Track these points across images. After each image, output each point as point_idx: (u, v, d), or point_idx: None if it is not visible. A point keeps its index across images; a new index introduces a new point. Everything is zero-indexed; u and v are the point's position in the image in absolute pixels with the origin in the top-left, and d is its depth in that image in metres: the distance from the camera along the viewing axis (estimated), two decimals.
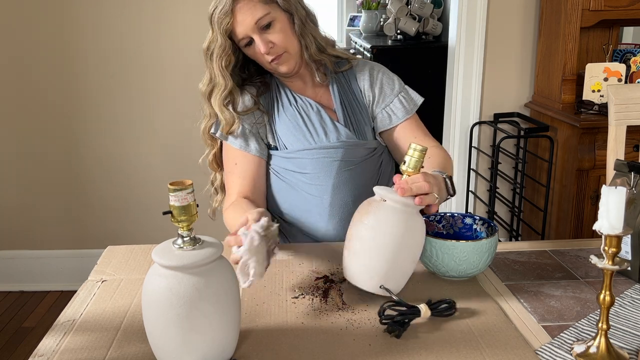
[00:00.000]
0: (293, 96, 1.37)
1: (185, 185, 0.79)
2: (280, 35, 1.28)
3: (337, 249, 1.21)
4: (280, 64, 1.30)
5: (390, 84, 1.40)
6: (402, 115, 1.37)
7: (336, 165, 1.33)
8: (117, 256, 1.21)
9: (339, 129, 1.35)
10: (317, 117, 1.35)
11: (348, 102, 1.38)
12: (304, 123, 1.34)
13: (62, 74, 2.59)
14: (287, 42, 1.29)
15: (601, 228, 0.80)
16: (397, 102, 1.38)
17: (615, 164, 1.12)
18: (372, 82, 1.40)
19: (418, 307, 0.93)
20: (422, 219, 1.00)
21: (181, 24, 2.56)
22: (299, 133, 1.33)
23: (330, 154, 1.33)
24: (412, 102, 1.40)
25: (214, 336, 0.81)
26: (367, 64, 1.43)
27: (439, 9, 3.75)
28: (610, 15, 2.32)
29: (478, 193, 2.79)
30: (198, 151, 1.46)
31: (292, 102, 1.37)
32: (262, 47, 1.26)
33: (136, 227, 2.75)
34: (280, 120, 1.35)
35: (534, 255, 1.20)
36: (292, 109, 1.36)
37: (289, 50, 1.30)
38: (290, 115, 1.35)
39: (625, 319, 0.96)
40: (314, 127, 1.34)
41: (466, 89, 2.67)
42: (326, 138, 1.33)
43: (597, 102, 2.34)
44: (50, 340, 0.91)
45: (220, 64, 1.29)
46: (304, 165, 1.33)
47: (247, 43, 1.29)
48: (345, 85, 1.40)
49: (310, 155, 1.33)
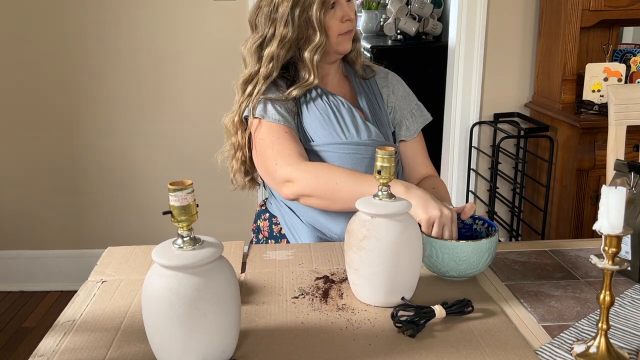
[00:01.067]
0: (324, 92, 1.38)
1: (185, 185, 0.79)
2: (355, 14, 1.35)
3: (337, 248, 1.21)
4: (348, 39, 1.34)
5: (407, 96, 1.47)
6: (414, 132, 1.45)
7: (366, 162, 1.34)
8: (117, 257, 1.21)
9: (369, 127, 1.37)
10: (349, 114, 1.36)
11: (372, 104, 1.42)
12: (335, 118, 1.35)
13: (61, 74, 2.59)
14: (356, 24, 1.36)
15: (601, 228, 0.80)
16: (412, 119, 1.45)
17: (615, 164, 1.12)
18: (393, 90, 1.46)
19: (432, 308, 0.93)
20: (414, 220, 0.98)
21: (183, 25, 2.56)
22: (329, 127, 1.34)
23: (360, 150, 1.34)
24: (422, 117, 1.47)
25: (214, 336, 0.81)
26: (387, 73, 1.49)
27: (439, 9, 3.75)
28: (610, 15, 2.32)
29: (478, 193, 2.79)
30: (198, 151, 1.46)
31: (323, 97, 1.37)
32: (350, 12, 1.31)
33: (136, 227, 2.75)
34: (309, 113, 1.35)
35: (534, 255, 1.20)
36: (323, 103, 1.36)
37: (355, 31, 1.36)
38: (322, 109, 1.35)
39: (625, 319, 0.96)
40: (345, 123, 1.35)
41: (466, 89, 2.67)
42: (357, 135, 1.34)
43: (597, 102, 2.34)
44: (50, 340, 0.91)
45: (321, 16, 1.28)
46: (332, 160, 1.33)
47: (332, 4, 1.30)
48: (368, 89, 1.44)
49: (339, 149, 1.33)
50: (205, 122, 2.60)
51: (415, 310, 0.93)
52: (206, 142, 2.46)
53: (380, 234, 0.93)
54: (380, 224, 0.93)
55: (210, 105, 2.59)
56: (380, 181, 0.95)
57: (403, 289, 0.97)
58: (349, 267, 0.99)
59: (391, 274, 0.95)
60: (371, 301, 0.99)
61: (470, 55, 2.63)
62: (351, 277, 1.00)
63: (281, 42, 1.31)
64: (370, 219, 0.94)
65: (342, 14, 1.30)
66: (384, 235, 0.93)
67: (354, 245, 0.96)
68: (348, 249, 0.98)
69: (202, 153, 1.37)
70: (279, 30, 1.31)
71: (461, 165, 2.75)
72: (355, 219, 0.97)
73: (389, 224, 0.93)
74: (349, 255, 0.98)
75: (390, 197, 0.96)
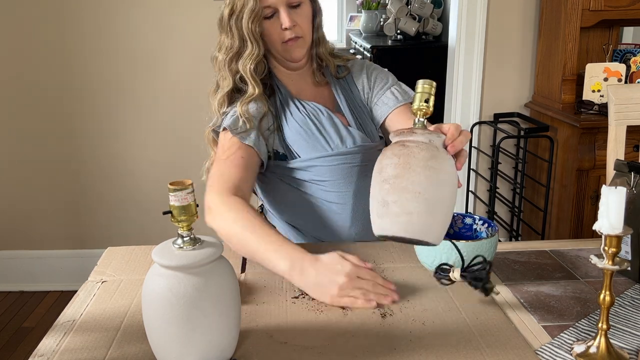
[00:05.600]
0: (300, 102, 1.33)
1: (185, 185, 0.79)
2: (304, 19, 1.28)
3: (337, 248, 1.21)
4: (295, 46, 1.29)
5: (383, 78, 1.40)
6: (393, 104, 1.36)
7: (356, 170, 1.31)
8: (117, 257, 1.21)
9: (352, 133, 1.32)
10: (329, 122, 1.32)
11: (353, 104, 1.38)
12: (317, 129, 1.30)
13: (61, 74, 2.59)
14: (306, 29, 1.30)
15: (601, 228, 0.80)
16: (389, 94, 1.37)
17: (615, 164, 1.12)
18: (368, 79, 1.40)
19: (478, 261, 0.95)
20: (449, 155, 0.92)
21: (182, 25, 2.56)
22: (312, 140, 1.30)
23: (348, 159, 1.30)
24: (405, 94, 1.38)
25: (214, 336, 0.81)
26: (363, 64, 1.43)
27: (439, 9, 3.75)
28: (610, 15, 2.32)
29: (478, 193, 2.79)
30: (198, 151, 1.46)
31: (300, 108, 1.33)
32: (287, 21, 1.25)
33: (136, 227, 2.75)
34: (289, 127, 1.31)
35: (534, 255, 1.20)
36: (301, 115, 1.32)
37: (305, 37, 1.30)
38: (301, 122, 1.31)
39: (625, 319, 0.96)
40: (327, 133, 1.31)
41: (466, 89, 2.67)
42: (342, 144, 1.30)
43: (597, 102, 2.34)
44: (50, 340, 0.91)
45: (250, 26, 1.24)
46: (322, 174, 1.30)
47: (269, 15, 1.26)
48: (346, 88, 1.39)
49: (327, 162, 1.29)
50: (205, 122, 2.59)
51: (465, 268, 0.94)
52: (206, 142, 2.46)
53: (445, 159, 0.89)
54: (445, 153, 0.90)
55: (210, 105, 2.59)
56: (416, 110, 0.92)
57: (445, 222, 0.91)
58: (402, 191, 0.86)
59: (452, 200, 0.90)
60: (429, 230, 0.87)
61: (470, 55, 2.63)
62: (406, 204, 0.86)
63: (226, 51, 1.28)
64: (436, 144, 0.89)
65: (279, 23, 1.26)
66: (450, 165, 0.90)
67: (418, 166, 0.86)
68: (402, 170, 0.87)
69: (202, 153, 1.38)
70: (222, 38, 1.30)
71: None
72: (413, 142, 0.89)
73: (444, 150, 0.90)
74: (407, 177, 0.86)
75: (424, 127, 0.92)
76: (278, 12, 1.25)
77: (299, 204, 1.33)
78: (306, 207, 1.33)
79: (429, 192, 0.86)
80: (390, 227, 0.87)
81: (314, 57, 1.38)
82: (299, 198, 1.33)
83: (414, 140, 0.89)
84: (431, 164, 0.86)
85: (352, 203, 1.31)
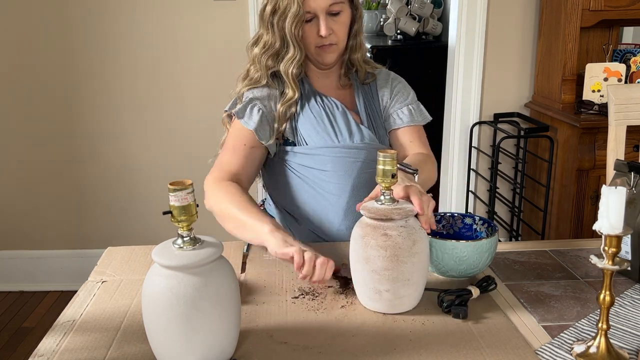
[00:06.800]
0: (319, 95, 1.38)
1: (185, 185, 0.79)
2: (341, 27, 1.32)
3: (338, 249, 1.21)
4: (328, 52, 1.33)
5: (404, 94, 1.44)
6: (406, 121, 1.40)
7: (358, 166, 1.34)
8: (117, 257, 1.21)
9: (363, 131, 1.36)
10: (343, 117, 1.36)
11: (370, 108, 1.41)
12: (329, 121, 1.35)
13: (62, 75, 2.59)
14: (342, 37, 1.33)
15: (601, 228, 0.80)
16: (406, 110, 1.42)
17: (615, 164, 1.12)
18: (391, 91, 1.44)
19: (469, 289, 1.00)
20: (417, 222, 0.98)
21: (183, 25, 2.56)
22: (322, 130, 1.34)
23: (352, 154, 1.33)
24: (420, 115, 1.43)
25: (214, 336, 0.81)
26: (388, 75, 1.48)
27: (439, 9, 3.75)
28: (610, 15, 2.32)
29: (478, 193, 2.79)
30: (198, 151, 1.46)
31: (318, 100, 1.37)
32: (324, 30, 1.28)
33: (136, 227, 2.75)
34: (304, 116, 1.35)
35: (534, 255, 1.20)
36: (317, 106, 1.36)
37: (339, 44, 1.33)
38: (316, 113, 1.35)
39: (625, 319, 0.96)
40: (338, 126, 1.35)
41: (466, 89, 2.67)
42: (350, 138, 1.34)
43: (597, 102, 2.34)
44: (50, 341, 0.91)
45: (293, 30, 1.27)
46: (324, 163, 1.33)
47: (309, 19, 1.29)
48: (368, 94, 1.43)
49: (332, 153, 1.33)
50: (206, 122, 2.60)
51: (456, 294, 0.99)
52: (206, 143, 2.46)
53: (423, 238, 0.97)
54: (420, 229, 0.97)
55: (210, 105, 2.59)
56: (382, 185, 0.97)
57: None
58: (393, 281, 0.94)
59: (425, 276, 0.99)
60: (417, 299, 0.99)
61: (470, 55, 2.63)
62: (398, 291, 0.95)
63: (264, 47, 1.31)
64: (412, 224, 0.96)
65: (317, 28, 1.29)
66: (425, 238, 0.98)
67: (404, 256, 0.93)
68: (392, 262, 0.93)
69: (202, 153, 1.38)
70: (261, 31, 1.33)
71: (461, 165, 2.75)
72: (393, 230, 0.94)
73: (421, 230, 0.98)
74: (397, 268, 0.93)
75: (393, 201, 0.98)
76: (317, 17, 1.29)
77: (298, 189, 1.36)
78: (304, 194, 1.36)
79: (417, 275, 0.96)
80: (382, 308, 0.98)
81: (345, 62, 1.41)
82: (299, 184, 1.36)
83: (394, 227, 0.94)
84: (415, 250, 0.95)
85: (347, 197, 1.33)
